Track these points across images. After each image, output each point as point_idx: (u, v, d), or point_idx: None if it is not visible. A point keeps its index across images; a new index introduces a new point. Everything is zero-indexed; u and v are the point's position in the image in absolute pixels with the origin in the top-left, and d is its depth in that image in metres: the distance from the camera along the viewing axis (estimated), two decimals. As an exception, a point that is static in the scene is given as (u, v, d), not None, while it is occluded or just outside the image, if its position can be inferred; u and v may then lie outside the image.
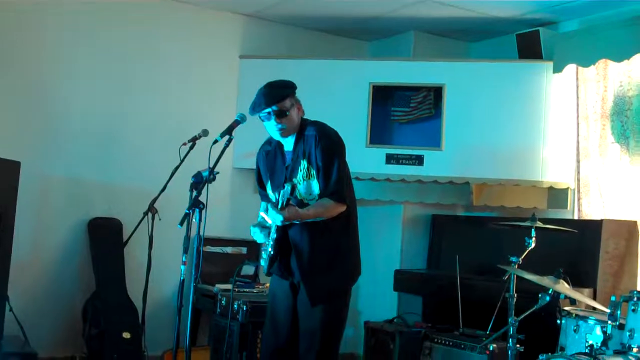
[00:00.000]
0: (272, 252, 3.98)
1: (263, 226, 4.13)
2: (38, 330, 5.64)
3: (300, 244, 4.00)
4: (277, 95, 3.98)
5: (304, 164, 3.97)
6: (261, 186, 4.30)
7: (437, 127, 6.34)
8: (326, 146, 3.97)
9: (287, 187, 3.77)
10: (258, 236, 4.13)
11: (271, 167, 4.17)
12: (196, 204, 3.92)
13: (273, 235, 3.97)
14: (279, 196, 3.85)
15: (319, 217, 3.94)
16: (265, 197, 4.25)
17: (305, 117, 4.12)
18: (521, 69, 6.30)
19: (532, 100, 6.19)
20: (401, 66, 6.62)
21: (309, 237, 3.99)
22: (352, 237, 4.15)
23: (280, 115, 3.97)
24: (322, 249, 4.01)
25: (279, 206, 3.79)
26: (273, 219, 3.87)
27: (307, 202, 4.01)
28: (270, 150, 4.20)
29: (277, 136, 4.07)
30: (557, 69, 6.06)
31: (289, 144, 4.08)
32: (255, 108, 4.01)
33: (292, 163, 4.02)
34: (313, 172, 3.96)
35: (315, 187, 3.98)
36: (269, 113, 3.98)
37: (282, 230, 3.96)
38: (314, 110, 4.20)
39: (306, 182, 3.98)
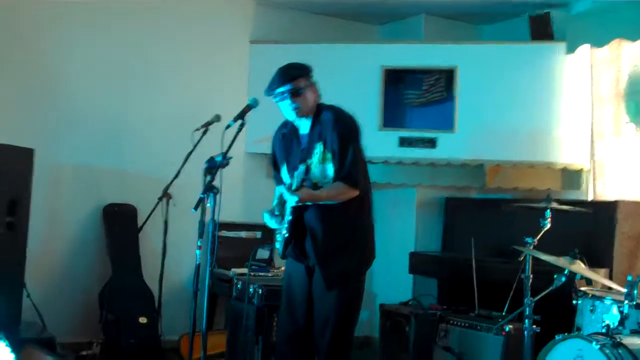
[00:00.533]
0: (286, 235, 4.00)
1: (274, 213, 4.15)
2: (55, 316, 5.66)
3: (316, 228, 4.01)
4: (291, 75, 4.02)
5: (319, 147, 3.98)
6: (276, 169, 4.30)
7: (449, 109, 6.33)
8: (342, 130, 3.98)
9: (302, 167, 3.80)
10: (270, 222, 4.16)
11: (287, 149, 4.17)
12: (210, 189, 3.92)
13: (288, 217, 3.99)
14: (293, 178, 3.86)
15: (332, 200, 3.94)
16: (279, 180, 4.26)
17: (321, 102, 4.13)
18: (534, 51, 6.27)
19: (546, 81, 6.16)
20: (413, 49, 6.60)
21: (324, 221, 4.00)
22: (366, 221, 4.16)
23: (295, 94, 3.99)
24: (337, 233, 4.02)
25: (294, 187, 3.81)
26: (288, 200, 3.88)
27: (321, 186, 4.01)
28: (286, 133, 4.20)
29: (292, 116, 4.07)
30: (570, 50, 6.03)
31: (305, 127, 4.09)
32: (270, 87, 4.04)
33: (307, 146, 4.03)
34: (328, 155, 3.96)
35: (330, 171, 3.98)
36: (282, 93, 3.99)
37: (297, 213, 3.97)
38: (325, 94, 4.20)
39: (321, 165, 3.98)
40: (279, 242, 4.11)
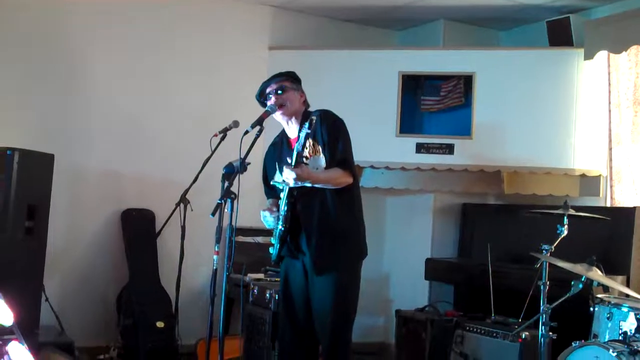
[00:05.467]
0: (282, 229, 4.04)
1: (271, 209, 4.20)
2: (73, 320, 5.73)
3: (309, 220, 4.08)
4: (277, 76, 4.22)
5: (309, 141, 4.04)
6: (266, 183, 4.40)
7: (467, 115, 6.32)
8: (330, 122, 4.10)
9: (298, 145, 3.82)
10: (267, 220, 4.21)
11: (279, 156, 4.26)
12: (228, 195, 3.94)
13: (282, 212, 4.03)
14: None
15: (329, 184, 4.00)
16: (271, 194, 4.38)
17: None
18: (552, 57, 6.25)
19: (563, 87, 6.15)
20: (431, 55, 6.60)
21: (318, 213, 4.07)
22: (357, 214, 4.21)
23: (279, 89, 4.15)
24: (329, 225, 4.07)
25: (293, 163, 3.84)
26: (286, 178, 3.89)
27: None
28: (277, 142, 4.36)
29: (278, 116, 4.19)
30: (588, 55, 6.00)
31: (293, 131, 4.17)
32: (258, 91, 4.25)
33: (298, 145, 4.05)
34: (319, 148, 4.06)
35: (322, 161, 4.06)
36: (269, 92, 4.17)
37: (291, 207, 4.02)
38: (343, 100, 4.26)
39: (313, 157, 4.03)
40: (275, 242, 4.15)
